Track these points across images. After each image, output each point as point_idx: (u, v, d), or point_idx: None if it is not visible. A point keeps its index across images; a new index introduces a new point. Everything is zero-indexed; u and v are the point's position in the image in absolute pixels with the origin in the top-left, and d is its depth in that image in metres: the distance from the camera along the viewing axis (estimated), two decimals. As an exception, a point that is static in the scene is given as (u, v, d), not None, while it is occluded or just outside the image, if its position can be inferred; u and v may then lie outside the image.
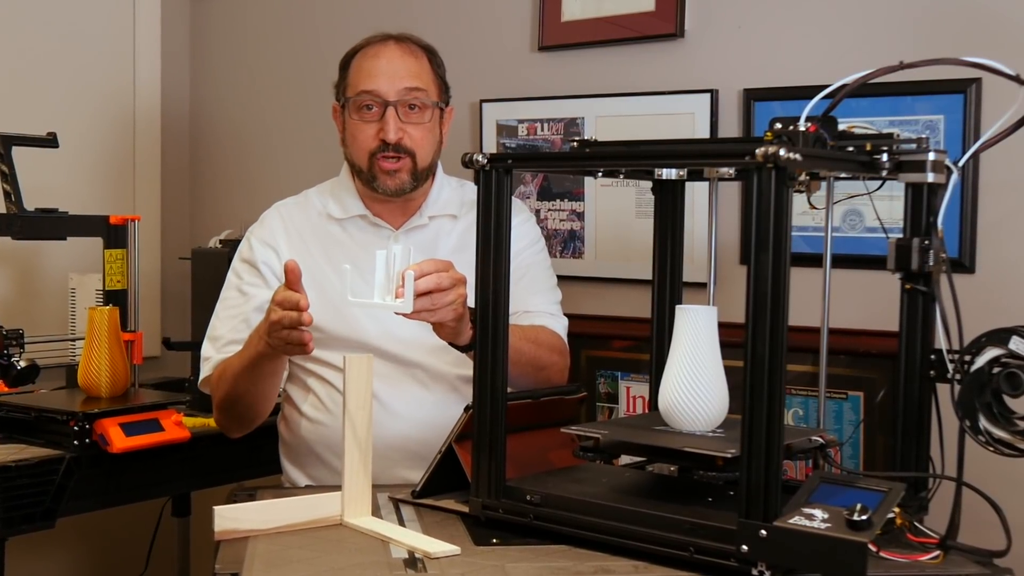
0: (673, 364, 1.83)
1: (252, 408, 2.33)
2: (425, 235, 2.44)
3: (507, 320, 1.86)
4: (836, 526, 1.49)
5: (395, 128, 2.36)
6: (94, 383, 2.59)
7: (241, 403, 2.31)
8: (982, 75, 2.31)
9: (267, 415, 2.37)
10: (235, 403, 2.32)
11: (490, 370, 1.85)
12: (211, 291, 2.57)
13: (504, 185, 1.83)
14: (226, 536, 1.78)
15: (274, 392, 2.33)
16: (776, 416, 1.54)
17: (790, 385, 2.54)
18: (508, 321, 1.87)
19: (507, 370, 1.87)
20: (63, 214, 2.85)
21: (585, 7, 2.96)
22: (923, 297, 1.76)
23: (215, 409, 2.39)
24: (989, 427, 1.64)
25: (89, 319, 2.61)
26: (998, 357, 1.64)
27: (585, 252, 2.98)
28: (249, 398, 2.29)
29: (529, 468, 1.95)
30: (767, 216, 1.52)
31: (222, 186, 3.84)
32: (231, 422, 2.40)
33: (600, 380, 2.94)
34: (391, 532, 1.79)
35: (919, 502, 1.76)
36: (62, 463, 2.43)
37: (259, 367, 2.20)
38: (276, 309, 2.02)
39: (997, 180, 2.40)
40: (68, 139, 3.13)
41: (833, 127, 1.74)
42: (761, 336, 1.53)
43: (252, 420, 2.37)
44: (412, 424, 2.33)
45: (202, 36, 3.88)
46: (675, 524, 1.64)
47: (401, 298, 1.87)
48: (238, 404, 2.31)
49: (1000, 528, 1.61)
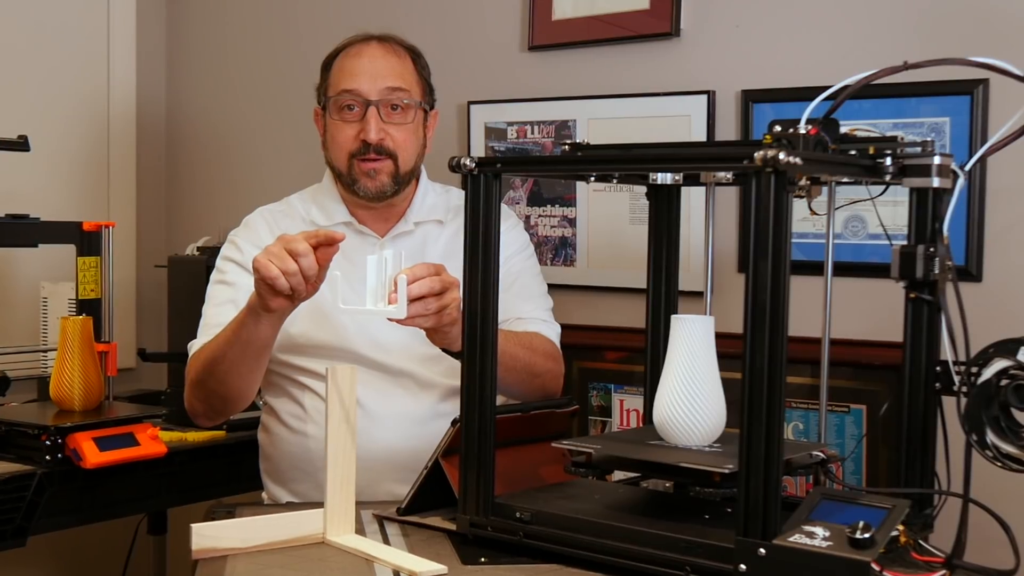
0: (668, 376, 1.83)
1: (224, 382, 2.25)
2: (412, 242, 2.44)
3: (496, 331, 1.86)
4: (838, 544, 1.49)
5: (376, 128, 2.36)
6: (67, 396, 2.58)
7: (215, 375, 2.24)
8: (989, 76, 2.32)
9: (238, 403, 2.31)
10: (211, 373, 2.25)
11: (478, 382, 1.84)
12: (188, 300, 2.57)
13: (493, 190, 1.83)
14: (204, 555, 1.77)
15: (251, 375, 2.26)
16: (775, 430, 1.54)
17: (790, 398, 2.54)
18: (497, 332, 1.86)
19: (495, 382, 1.86)
20: (34, 220, 2.84)
21: (577, 5, 2.96)
22: (928, 306, 1.76)
23: (187, 387, 2.35)
24: (997, 441, 1.64)
25: (61, 329, 2.59)
26: (1006, 369, 1.64)
27: (577, 260, 2.98)
28: (226, 364, 2.22)
29: (519, 484, 1.95)
30: (766, 222, 1.52)
31: (199, 191, 3.83)
32: (200, 402, 2.34)
33: (592, 392, 2.94)
34: (375, 551, 1.79)
35: (924, 519, 1.76)
36: (33, 479, 2.42)
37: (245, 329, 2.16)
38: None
39: (1005, 185, 2.40)
40: (40, 142, 3.11)
41: (835, 130, 1.74)
42: (760, 347, 1.53)
43: (222, 399, 2.30)
44: (400, 435, 2.33)
45: (178, 36, 3.88)
46: (670, 542, 1.64)
47: (394, 304, 1.87)
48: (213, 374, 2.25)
49: (1008, 546, 1.61)
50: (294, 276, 2.00)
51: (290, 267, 1.99)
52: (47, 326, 3.20)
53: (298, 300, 2.07)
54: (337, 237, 2.01)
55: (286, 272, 1.99)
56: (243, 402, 2.33)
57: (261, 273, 2.00)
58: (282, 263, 1.99)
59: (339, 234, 2.02)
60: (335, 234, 2.02)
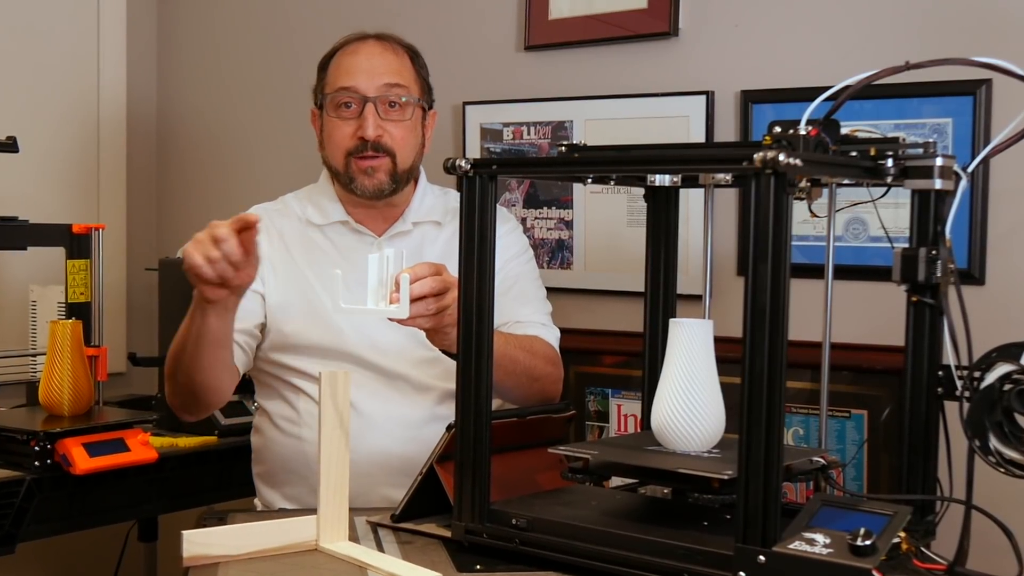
0: (667, 381, 1.83)
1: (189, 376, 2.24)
2: (409, 242, 2.44)
3: (491, 335, 1.85)
4: (838, 551, 1.49)
5: (374, 125, 2.36)
6: (56, 401, 2.57)
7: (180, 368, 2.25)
8: (992, 76, 2.32)
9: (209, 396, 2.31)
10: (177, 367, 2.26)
11: (474, 386, 1.84)
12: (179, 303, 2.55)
13: (488, 192, 1.83)
14: (195, 562, 1.77)
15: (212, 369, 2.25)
16: (775, 436, 1.53)
17: (790, 403, 2.54)
18: (492, 336, 1.86)
19: (491, 387, 1.86)
20: (23, 222, 2.83)
21: (574, 4, 2.96)
22: (930, 310, 1.76)
23: (165, 381, 2.36)
24: (1000, 447, 1.64)
25: (50, 333, 2.59)
26: (1009, 373, 1.64)
27: (574, 263, 2.98)
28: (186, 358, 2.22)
29: (515, 490, 1.95)
30: (766, 225, 1.52)
31: (191, 193, 3.83)
32: (175, 396, 2.35)
33: (590, 397, 2.94)
34: (369, 558, 1.79)
35: (926, 526, 1.76)
36: (22, 485, 2.41)
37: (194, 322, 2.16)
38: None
39: (1008, 187, 2.40)
40: (29, 144, 3.11)
41: (835, 131, 1.74)
42: (759, 351, 1.53)
43: (192, 394, 2.30)
44: (395, 439, 2.33)
45: (169, 36, 3.88)
46: (669, 549, 1.64)
47: (395, 303, 1.87)
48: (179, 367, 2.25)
49: (1012, 553, 1.61)
50: (218, 263, 1.99)
51: (212, 254, 1.99)
52: (36, 330, 3.19)
53: (236, 289, 2.07)
54: (251, 219, 2.01)
55: (209, 259, 1.99)
56: (214, 396, 2.32)
57: (186, 261, 2.01)
58: (204, 250, 1.99)
59: (254, 216, 2.02)
60: (251, 216, 2.01)
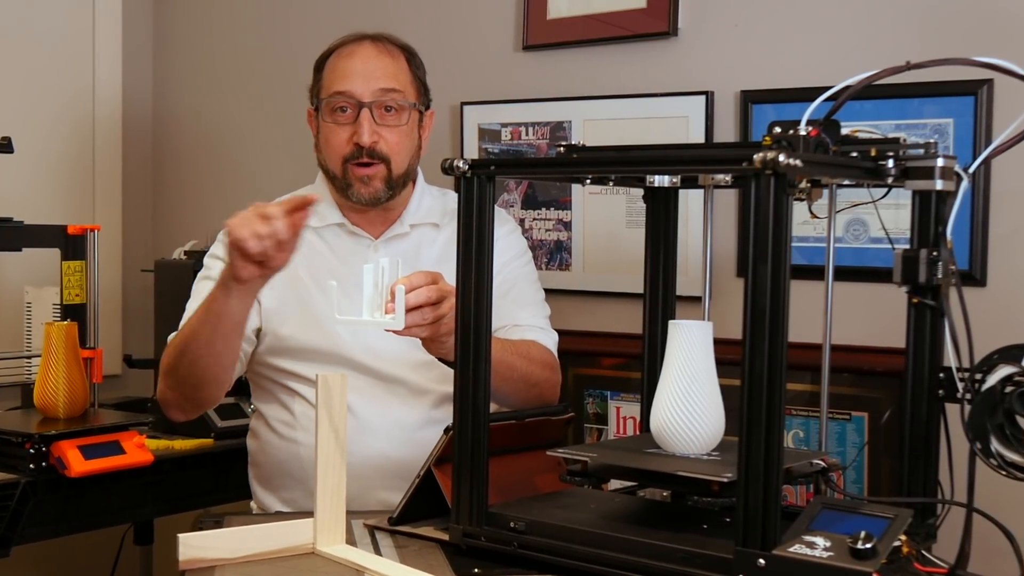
0: (666, 383, 1.83)
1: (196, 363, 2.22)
2: (406, 244, 2.44)
3: (489, 337, 1.85)
4: (839, 555, 1.49)
5: (369, 131, 2.36)
6: (51, 403, 2.57)
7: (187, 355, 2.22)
8: (994, 76, 2.32)
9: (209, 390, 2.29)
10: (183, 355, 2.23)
11: (471, 389, 1.84)
12: (175, 305, 2.56)
13: (487, 193, 1.83)
14: (191, 566, 1.76)
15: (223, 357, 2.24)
16: (775, 438, 1.53)
17: (790, 405, 2.54)
18: (490, 338, 1.86)
19: (489, 389, 1.86)
20: (18, 223, 2.83)
21: (572, 4, 2.96)
22: (931, 312, 1.76)
23: (161, 376, 2.33)
24: (1001, 450, 1.64)
25: (46, 335, 2.59)
26: (1011, 375, 1.64)
27: (572, 264, 2.98)
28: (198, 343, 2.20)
29: (513, 493, 1.95)
30: (766, 226, 1.52)
31: (187, 194, 3.82)
32: (171, 390, 2.32)
33: (588, 400, 2.93)
34: (366, 561, 1.78)
35: (927, 529, 1.76)
36: (17, 488, 2.41)
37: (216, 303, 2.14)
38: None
39: (1010, 187, 2.40)
40: (24, 144, 3.10)
41: (835, 131, 1.74)
42: (759, 353, 1.53)
43: (193, 386, 2.27)
44: (392, 443, 2.33)
45: (165, 35, 3.88)
46: (668, 553, 1.64)
47: (391, 314, 1.87)
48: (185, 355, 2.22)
49: (1013, 557, 1.61)
50: (265, 239, 1.99)
51: (261, 230, 1.98)
52: (31, 332, 3.19)
53: (269, 270, 2.06)
54: (310, 199, 2.01)
55: (257, 235, 1.99)
56: (214, 389, 2.30)
57: (232, 235, 2.00)
58: (252, 225, 1.99)
59: (312, 196, 2.03)
60: (309, 196, 2.02)
